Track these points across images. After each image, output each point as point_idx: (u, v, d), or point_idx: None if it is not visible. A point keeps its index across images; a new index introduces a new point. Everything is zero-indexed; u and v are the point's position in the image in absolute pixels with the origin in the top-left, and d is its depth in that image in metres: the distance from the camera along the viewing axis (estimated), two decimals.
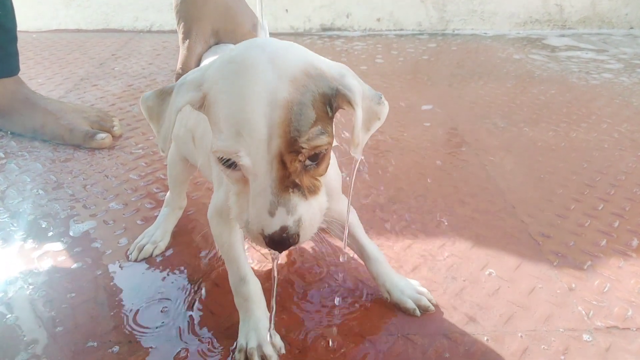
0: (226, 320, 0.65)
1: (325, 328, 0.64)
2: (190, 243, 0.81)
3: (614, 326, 0.64)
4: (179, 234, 0.83)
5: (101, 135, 1.14)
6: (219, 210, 0.58)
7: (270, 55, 0.42)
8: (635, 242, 0.81)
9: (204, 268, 0.75)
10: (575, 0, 2.17)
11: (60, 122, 1.15)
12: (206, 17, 0.77)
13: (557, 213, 0.89)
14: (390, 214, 0.88)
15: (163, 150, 0.47)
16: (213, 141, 0.43)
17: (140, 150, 1.13)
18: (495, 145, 1.15)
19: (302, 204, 0.43)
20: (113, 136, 1.18)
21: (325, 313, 0.66)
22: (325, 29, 2.22)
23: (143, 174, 1.03)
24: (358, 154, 0.45)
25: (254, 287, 0.61)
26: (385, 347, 0.61)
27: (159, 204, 0.90)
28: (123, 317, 0.66)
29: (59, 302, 0.69)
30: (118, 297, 0.69)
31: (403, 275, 0.71)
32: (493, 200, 0.93)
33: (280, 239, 0.42)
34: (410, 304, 0.66)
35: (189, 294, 0.70)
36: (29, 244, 0.81)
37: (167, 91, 0.47)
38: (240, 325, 0.61)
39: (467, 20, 2.22)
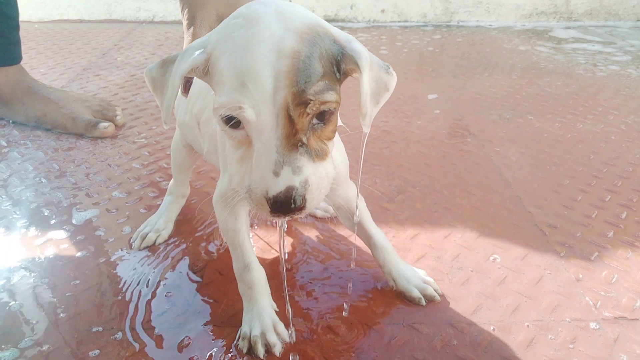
0: (230, 308, 0.65)
1: (330, 317, 0.63)
2: (193, 231, 0.80)
3: (622, 316, 0.64)
4: (182, 223, 0.82)
5: (104, 124, 1.13)
6: (224, 196, 0.57)
7: (276, 9, 0.42)
8: None
9: (207, 256, 0.74)
10: None
11: (63, 111, 1.14)
12: (210, 3, 0.76)
13: (564, 204, 0.88)
14: (396, 204, 0.88)
15: (166, 122, 0.45)
16: (215, 99, 0.41)
17: (143, 140, 1.12)
18: (501, 137, 1.13)
19: (310, 165, 0.41)
20: (116, 125, 1.17)
21: (330, 302, 0.66)
22: (329, 20, 2.20)
23: (146, 162, 1.02)
24: (367, 126, 0.44)
25: (259, 275, 0.61)
26: (391, 336, 0.60)
27: (162, 192, 0.90)
28: (126, 305, 0.65)
29: (62, 290, 0.68)
30: (121, 285, 0.69)
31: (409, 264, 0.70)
32: (499, 190, 0.92)
33: (286, 199, 0.40)
34: (415, 293, 0.65)
35: (192, 282, 0.70)
36: (32, 231, 0.81)
37: (171, 59, 0.46)
38: (244, 313, 0.61)
39: (473, 12, 2.19)
